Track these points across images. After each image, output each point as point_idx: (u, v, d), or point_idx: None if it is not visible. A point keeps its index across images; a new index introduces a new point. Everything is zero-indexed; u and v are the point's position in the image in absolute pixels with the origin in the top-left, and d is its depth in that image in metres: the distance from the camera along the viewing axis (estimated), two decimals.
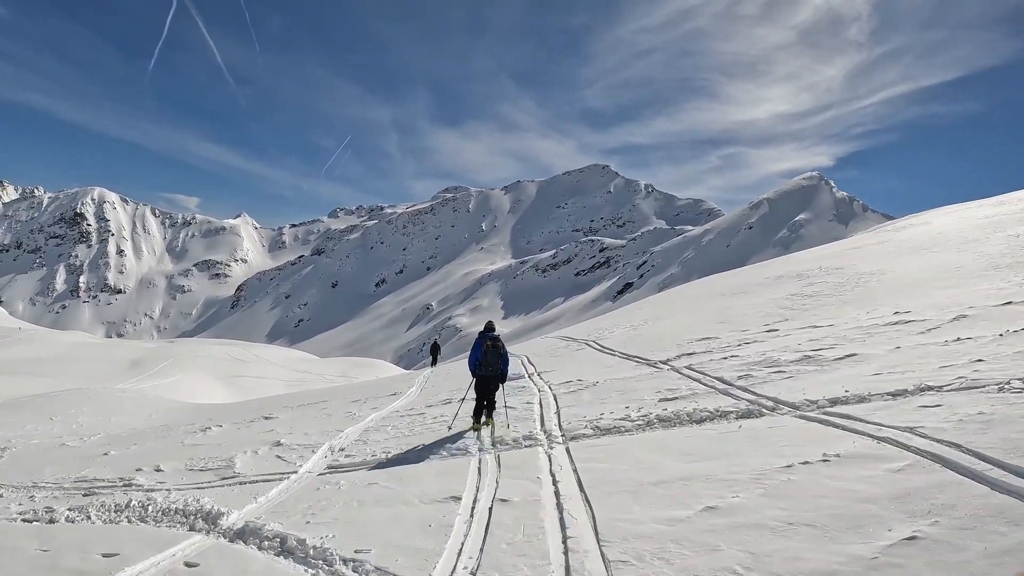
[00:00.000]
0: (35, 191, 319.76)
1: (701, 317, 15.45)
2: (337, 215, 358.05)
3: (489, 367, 7.39)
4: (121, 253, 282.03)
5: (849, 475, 3.83)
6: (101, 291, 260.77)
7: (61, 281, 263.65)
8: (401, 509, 4.63)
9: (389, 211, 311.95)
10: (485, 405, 7.41)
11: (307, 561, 3.98)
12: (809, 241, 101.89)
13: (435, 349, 27.28)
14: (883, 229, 32.39)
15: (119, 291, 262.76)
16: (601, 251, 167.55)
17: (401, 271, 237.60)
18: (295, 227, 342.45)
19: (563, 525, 3.86)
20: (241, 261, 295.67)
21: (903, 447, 4.16)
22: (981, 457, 3.74)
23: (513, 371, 12.14)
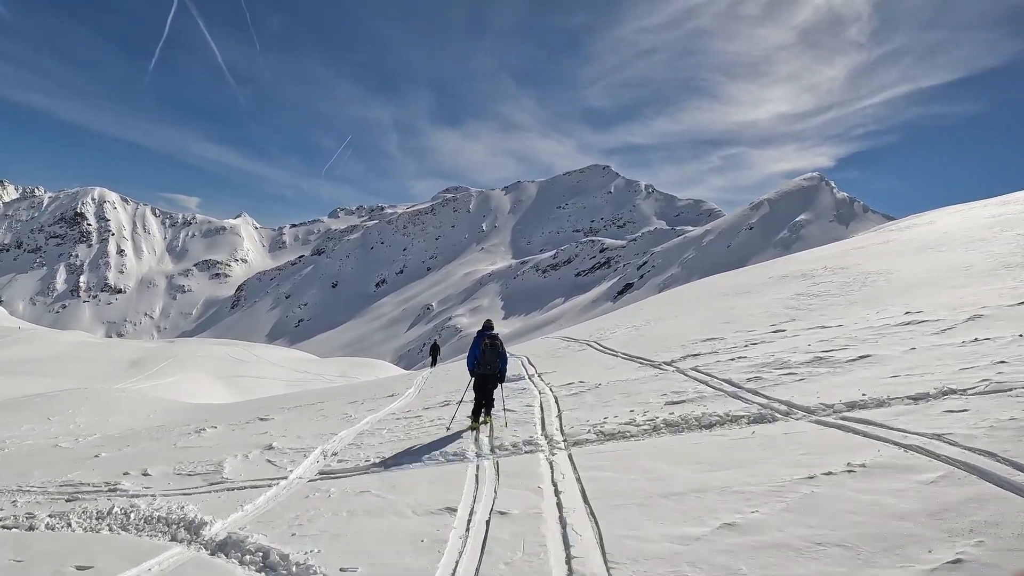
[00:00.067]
0: (35, 191, 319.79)
1: (705, 317, 15.15)
2: (337, 215, 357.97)
3: (487, 366, 7.36)
4: (121, 253, 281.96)
5: (878, 488, 3.52)
6: (101, 291, 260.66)
7: (61, 281, 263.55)
8: (393, 521, 4.33)
9: (389, 211, 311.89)
10: (484, 404, 7.37)
11: None
12: (810, 242, 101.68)
13: (435, 350, 27.36)
14: (887, 229, 32.10)
15: (119, 291, 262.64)
16: (601, 251, 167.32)
17: (401, 271, 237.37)
18: (295, 227, 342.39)
19: (566, 542, 3.54)
20: (241, 261, 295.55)
21: (933, 456, 3.86)
22: (1020, 468, 3.45)
23: (513, 372, 11.88)
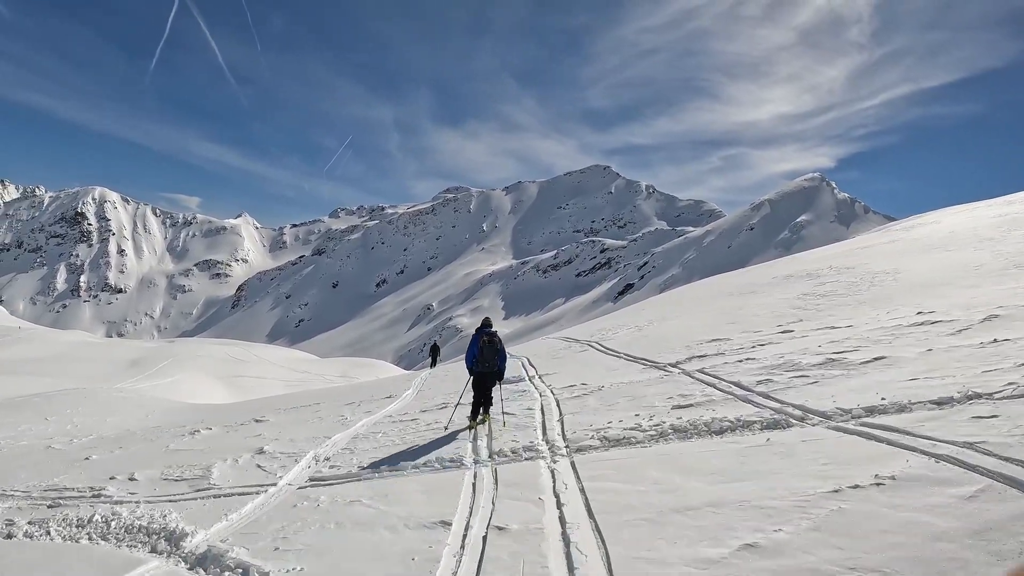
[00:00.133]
0: (36, 190, 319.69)
1: (709, 317, 14.84)
2: (338, 215, 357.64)
3: (486, 363, 7.34)
4: (122, 253, 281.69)
5: (912, 503, 3.21)
6: (102, 290, 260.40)
7: (62, 280, 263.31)
8: (383, 535, 4.03)
9: (390, 211, 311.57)
10: (482, 403, 7.36)
11: None
12: (810, 242, 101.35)
13: (434, 350, 27.19)
14: (891, 228, 31.78)
15: (120, 291, 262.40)
16: (602, 252, 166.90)
17: (402, 271, 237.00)
18: (296, 227, 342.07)
19: (570, 564, 3.23)
20: (242, 261, 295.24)
21: (967, 467, 3.55)
22: None
23: (513, 374, 11.60)
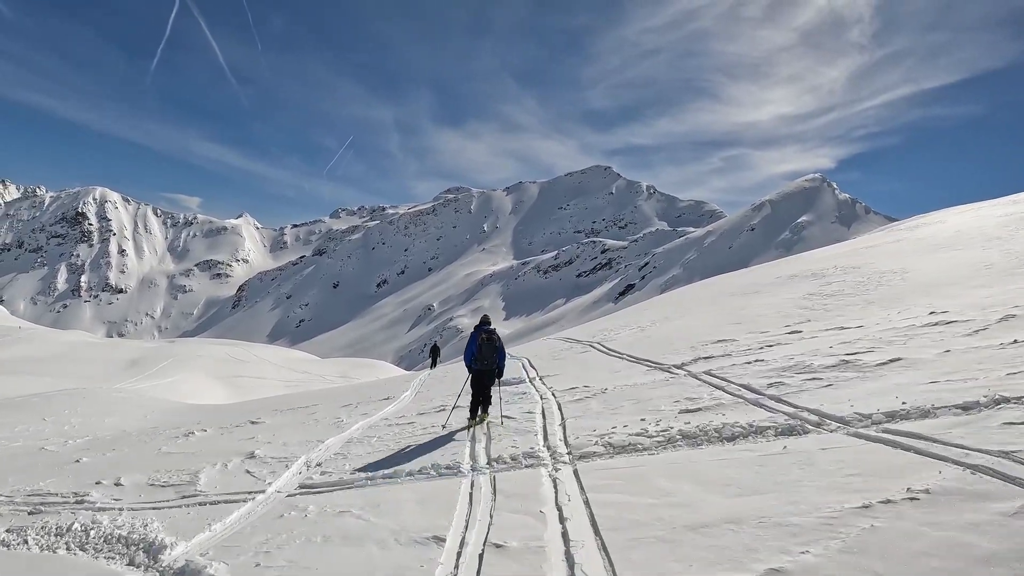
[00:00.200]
0: (37, 190, 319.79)
1: (714, 318, 14.54)
2: (339, 215, 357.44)
3: (485, 361, 7.28)
4: (123, 253, 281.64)
5: (950, 520, 2.91)
6: (102, 291, 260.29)
7: (62, 280, 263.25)
8: (372, 552, 3.73)
9: (391, 212, 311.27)
10: (481, 401, 7.32)
11: None
12: (811, 243, 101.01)
13: (435, 351, 27.01)
14: (895, 228, 31.46)
15: (120, 291, 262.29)
16: (603, 252, 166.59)
17: (402, 272, 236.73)
18: (297, 227, 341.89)
19: None
20: (242, 261, 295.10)
21: (1007, 479, 3.25)
22: None
23: (514, 375, 11.33)
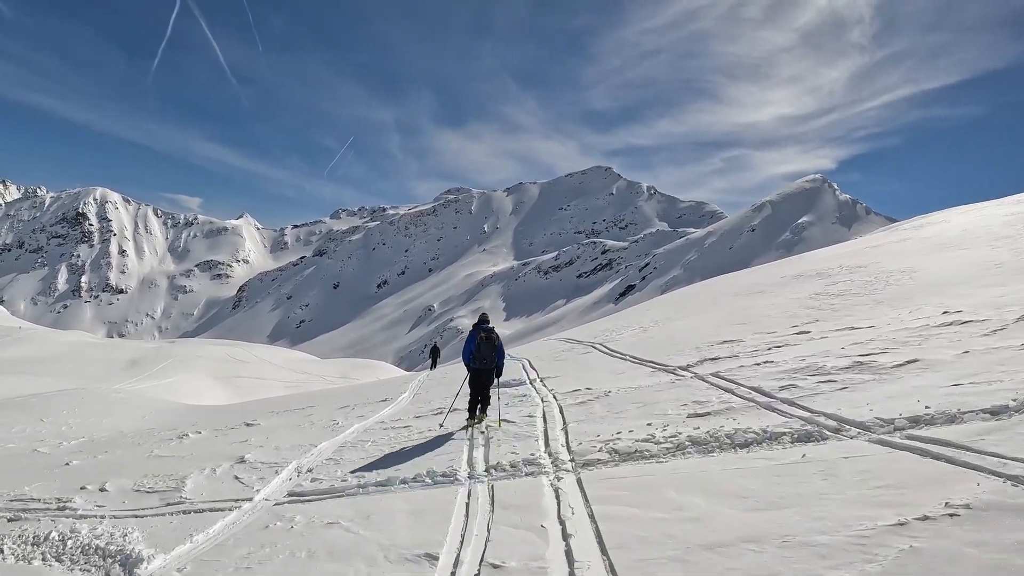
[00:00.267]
0: (37, 191, 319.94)
1: (718, 318, 14.25)
2: (339, 216, 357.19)
3: (483, 360, 7.21)
4: (123, 253, 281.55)
5: (997, 540, 2.62)
6: (103, 291, 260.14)
7: (63, 281, 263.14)
8: (359, 569, 3.45)
9: (391, 212, 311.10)
10: (479, 401, 7.24)
11: None
12: (812, 244, 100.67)
13: (435, 352, 26.85)
14: (899, 228, 31.14)
15: (121, 291, 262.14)
16: (603, 253, 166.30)
17: (403, 272, 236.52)
18: (297, 228, 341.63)
19: None
20: (243, 262, 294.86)
21: None
22: None
23: (514, 376, 11.05)
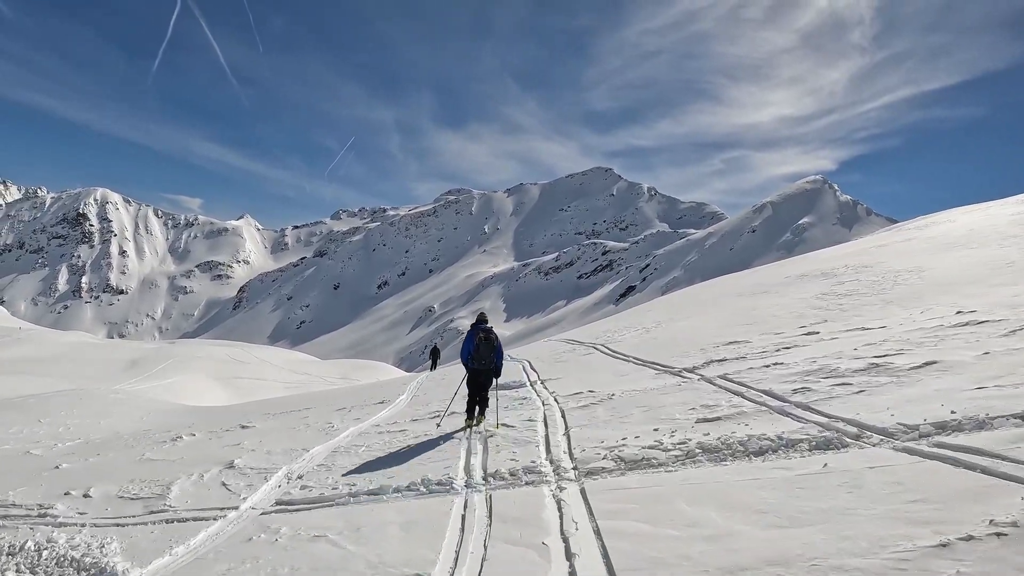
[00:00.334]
0: (38, 191, 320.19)
1: (723, 318, 13.96)
2: (340, 217, 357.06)
3: (482, 360, 7.14)
4: (123, 254, 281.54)
5: None
6: (103, 291, 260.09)
7: (63, 281, 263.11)
8: None
9: (391, 213, 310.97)
10: (478, 401, 7.17)
11: None
12: (813, 244, 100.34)
13: (435, 353, 26.66)
14: (903, 228, 30.85)
15: (121, 292, 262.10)
16: (604, 254, 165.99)
17: (403, 273, 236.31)
18: (297, 228, 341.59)
19: None
20: (243, 262, 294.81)
21: None
22: None
23: (514, 378, 10.77)
